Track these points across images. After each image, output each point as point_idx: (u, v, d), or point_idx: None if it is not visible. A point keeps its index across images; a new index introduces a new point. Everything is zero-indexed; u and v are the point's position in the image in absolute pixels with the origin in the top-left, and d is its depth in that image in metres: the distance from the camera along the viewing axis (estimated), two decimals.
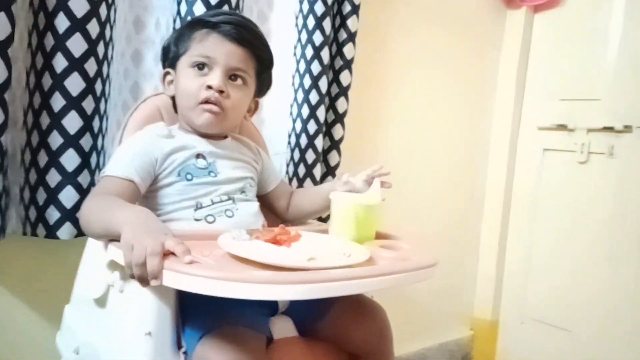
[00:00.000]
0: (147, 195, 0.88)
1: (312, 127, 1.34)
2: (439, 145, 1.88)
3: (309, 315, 0.86)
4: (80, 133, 1.01)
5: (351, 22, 1.40)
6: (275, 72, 1.33)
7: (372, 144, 1.69)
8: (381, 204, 0.93)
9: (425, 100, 1.81)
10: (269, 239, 0.78)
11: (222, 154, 0.94)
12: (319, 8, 1.30)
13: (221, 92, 0.88)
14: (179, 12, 1.14)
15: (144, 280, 0.63)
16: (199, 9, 1.09)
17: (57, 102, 0.98)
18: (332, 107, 1.43)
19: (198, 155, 0.90)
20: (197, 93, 0.88)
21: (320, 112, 1.35)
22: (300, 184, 1.35)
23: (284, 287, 0.61)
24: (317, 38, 1.31)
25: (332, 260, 0.72)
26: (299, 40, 1.33)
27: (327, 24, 1.32)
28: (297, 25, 1.34)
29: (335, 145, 1.45)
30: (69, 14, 0.97)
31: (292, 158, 1.36)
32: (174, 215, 0.87)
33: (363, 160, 1.61)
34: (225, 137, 0.98)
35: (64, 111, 0.99)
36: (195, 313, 0.74)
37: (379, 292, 0.97)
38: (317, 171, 1.37)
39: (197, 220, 0.86)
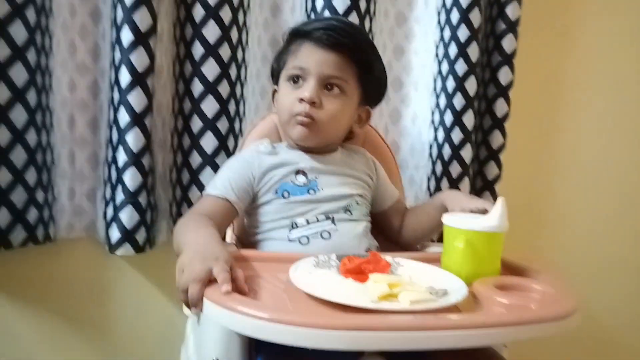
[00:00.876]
0: (249, 212, 0.88)
1: (456, 135, 1.18)
2: (626, 159, 1.47)
3: (409, 355, 0.73)
4: (216, 152, 1.08)
5: (511, 10, 1.20)
6: (416, 75, 1.24)
7: (541, 153, 1.41)
8: (504, 232, 0.75)
9: (611, 101, 1.43)
10: (351, 267, 0.69)
11: (325, 169, 0.88)
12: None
13: (313, 103, 0.83)
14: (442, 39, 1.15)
15: (189, 307, 0.61)
16: None
17: (196, 124, 1.07)
18: (489, 110, 1.25)
19: (298, 172, 0.86)
20: (291, 107, 0.85)
21: (468, 118, 1.18)
22: None
23: (326, 333, 0.52)
24: (463, 33, 1.15)
25: (409, 302, 0.60)
26: (442, 38, 1.19)
27: (474, 15, 1.15)
28: (439, 22, 1.20)
29: (493, 155, 1.25)
30: (203, 41, 1.04)
31: (433, 171, 1.22)
32: (271, 235, 0.84)
33: (528, 175, 1.39)
34: (334, 150, 0.92)
35: (202, 132, 1.07)
36: (269, 343, 0.70)
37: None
38: (466, 186, 1.20)
39: (291, 241, 0.82)
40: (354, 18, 1.10)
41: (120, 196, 1.01)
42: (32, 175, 0.98)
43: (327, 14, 1.09)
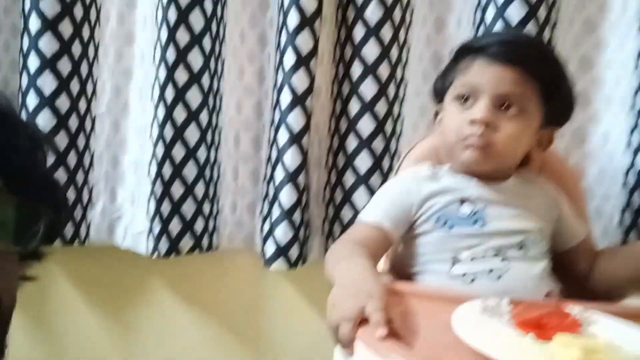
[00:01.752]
0: (405, 241, 0.82)
1: None
2: None
3: None
4: (370, 173, 1.06)
5: None
6: (608, 90, 1.07)
7: None
8: None
9: None
10: (528, 320, 0.60)
11: (496, 199, 0.77)
12: None
13: (487, 125, 0.74)
14: (479, 5, 1.03)
15: (343, 348, 0.58)
16: None
17: (351, 143, 1.06)
18: None
19: (463, 201, 0.77)
20: (460, 129, 0.76)
21: None
22: None
23: None
24: None
25: None
26: None
27: None
28: None
29: None
30: (363, 62, 1.03)
31: (628, 203, 1.05)
32: (428, 268, 0.77)
33: None
34: (507, 177, 0.81)
35: (357, 151, 1.06)
36: None
37: None
38: None
39: (452, 277, 0.74)
40: (531, 28, 0.99)
41: (276, 212, 1.04)
42: (200, 189, 1.06)
43: (498, 26, 0.99)
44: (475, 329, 0.56)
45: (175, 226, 1.05)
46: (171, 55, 1.01)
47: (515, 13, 0.97)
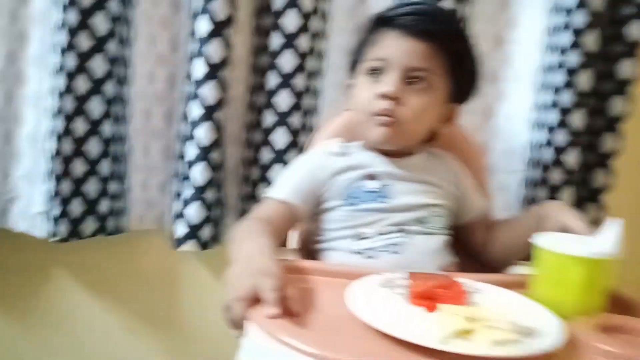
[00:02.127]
0: (314, 218, 0.79)
1: (562, 137, 1.01)
2: None
3: None
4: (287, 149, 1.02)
5: None
6: (516, 68, 1.08)
7: None
8: (617, 259, 0.60)
9: None
10: (421, 292, 0.59)
11: (401, 175, 0.77)
12: None
13: (395, 99, 0.72)
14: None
15: (233, 329, 0.54)
16: None
17: (268, 119, 1.02)
18: (602, 110, 1.06)
19: (369, 177, 0.76)
20: (369, 104, 0.74)
21: (578, 118, 1.01)
22: None
23: None
24: (579, 19, 0.98)
25: (489, 343, 0.49)
26: (552, 25, 1.02)
27: None
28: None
29: (601, 161, 1.06)
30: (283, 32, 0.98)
31: (529, 178, 1.07)
32: (334, 245, 0.75)
33: None
34: (413, 153, 0.80)
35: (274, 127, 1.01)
36: None
37: None
38: (568, 196, 1.03)
39: (355, 253, 0.73)
40: (449, 3, 0.97)
41: (187, 191, 0.99)
42: (105, 167, 0.98)
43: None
44: (367, 302, 0.55)
45: (76, 207, 0.97)
46: (72, 17, 0.92)
47: None
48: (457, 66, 0.76)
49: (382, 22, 0.77)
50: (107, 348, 1.13)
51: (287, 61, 0.99)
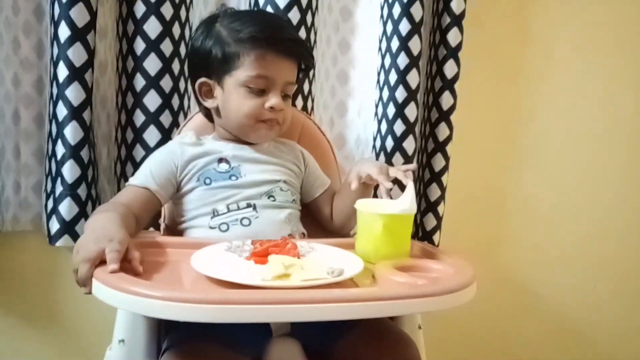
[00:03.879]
0: (175, 202, 0.89)
1: (399, 127, 1.19)
2: (600, 157, 1.48)
3: (320, 338, 0.75)
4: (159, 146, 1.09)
5: (456, 4, 1.21)
6: (362, 69, 1.25)
7: (499, 145, 1.43)
8: (413, 215, 0.77)
9: (575, 94, 1.44)
10: (258, 251, 0.71)
11: (250, 157, 0.90)
12: None
13: (282, 110, 0.88)
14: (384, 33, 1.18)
15: (81, 287, 0.63)
16: None
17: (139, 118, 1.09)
18: (435, 104, 1.26)
19: (221, 160, 0.88)
20: (257, 113, 0.87)
21: (410, 111, 1.19)
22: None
23: (200, 307, 0.53)
24: (404, 27, 1.17)
25: (302, 280, 0.62)
26: (384, 32, 1.20)
27: (416, 9, 1.16)
28: (382, 17, 1.21)
29: (440, 147, 1.26)
30: (145, 37, 1.06)
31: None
32: (193, 223, 0.86)
33: (491, 167, 1.41)
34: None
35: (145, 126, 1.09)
36: (175, 325, 0.71)
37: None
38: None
39: (211, 228, 0.84)
40: (295, 13, 1.11)
41: (59, 188, 1.03)
42: None
43: (269, 9, 1.10)
44: (208, 261, 0.66)
45: None
46: None
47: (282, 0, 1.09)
48: (302, 74, 0.94)
49: (254, 40, 0.85)
50: None
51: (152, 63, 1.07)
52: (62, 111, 1.02)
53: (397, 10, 1.17)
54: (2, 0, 1.05)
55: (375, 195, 1.02)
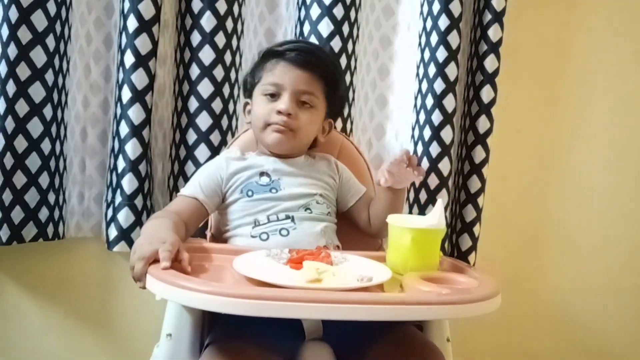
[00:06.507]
0: (220, 212, 0.97)
1: (434, 149, 1.23)
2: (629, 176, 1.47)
3: (351, 344, 0.79)
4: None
5: (493, 31, 1.26)
6: (400, 94, 1.31)
7: (537, 170, 1.44)
8: (443, 229, 0.81)
9: (622, 124, 1.45)
10: (294, 258, 0.77)
11: (289, 171, 0.97)
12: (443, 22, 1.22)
13: (289, 115, 0.93)
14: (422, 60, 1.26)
15: (137, 282, 0.70)
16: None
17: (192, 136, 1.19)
18: (472, 127, 1.30)
19: (262, 174, 0.95)
20: (267, 116, 0.95)
21: (446, 133, 1.23)
22: None
23: (235, 301, 0.59)
24: (441, 54, 1.22)
25: (337, 284, 0.67)
26: (422, 59, 1.26)
27: (453, 37, 1.22)
28: (420, 45, 1.27)
29: (476, 169, 1.29)
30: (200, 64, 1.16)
31: (412, 183, 1.28)
32: (236, 232, 0.93)
33: (527, 190, 1.42)
34: (298, 155, 1.01)
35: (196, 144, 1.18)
36: (217, 324, 0.78)
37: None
38: (444, 197, 1.25)
39: (252, 237, 0.91)
40: (336, 42, 1.19)
41: (118, 199, 1.13)
42: (45, 179, 1.12)
43: (313, 39, 1.19)
44: (249, 264, 0.72)
45: (17, 214, 1.10)
46: (12, 51, 1.07)
47: (325, 28, 1.17)
48: (332, 91, 0.99)
49: (273, 54, 0.98)
50: (42, 348, 1.23)
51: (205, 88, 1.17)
52: (124, 129, 1.13)
53: (434, 38, 1.23)
54: (78, 30, 1.18)
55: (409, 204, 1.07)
